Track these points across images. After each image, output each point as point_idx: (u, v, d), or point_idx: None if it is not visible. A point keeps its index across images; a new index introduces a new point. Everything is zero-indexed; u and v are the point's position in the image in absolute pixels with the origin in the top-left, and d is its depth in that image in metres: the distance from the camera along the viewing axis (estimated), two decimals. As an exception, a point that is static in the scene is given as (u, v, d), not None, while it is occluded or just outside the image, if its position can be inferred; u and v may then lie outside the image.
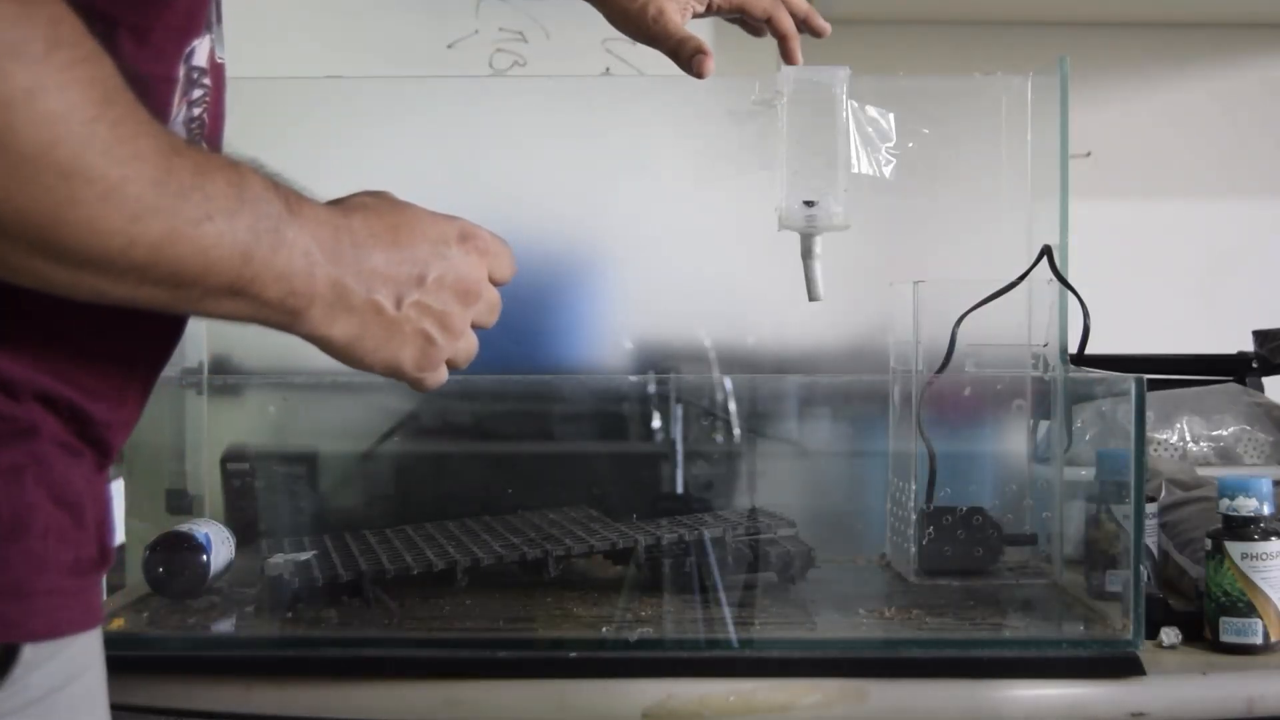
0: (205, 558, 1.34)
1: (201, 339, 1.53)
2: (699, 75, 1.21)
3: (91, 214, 0.62)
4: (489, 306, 0.86)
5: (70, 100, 0.60)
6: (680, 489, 1.55)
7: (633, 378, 1.55)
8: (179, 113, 0.79)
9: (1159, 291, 1.94)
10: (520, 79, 1.79)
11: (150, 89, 0.72)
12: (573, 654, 1.20)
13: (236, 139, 1.57)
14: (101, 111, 0.62)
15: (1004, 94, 1.52)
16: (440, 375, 0.84)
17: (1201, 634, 1.25)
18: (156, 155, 0.64)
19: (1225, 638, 1.23)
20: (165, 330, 0.80)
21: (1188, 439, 1.61)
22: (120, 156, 0.62)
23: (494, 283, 0.86)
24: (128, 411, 0.78)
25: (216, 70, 0.83)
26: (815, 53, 1.86)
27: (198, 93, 0.81)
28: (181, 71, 0.78)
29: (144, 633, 1.27)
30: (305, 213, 0.73)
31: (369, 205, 0.80)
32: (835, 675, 1.18)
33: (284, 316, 0.73)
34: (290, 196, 0.72)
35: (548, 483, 1.57)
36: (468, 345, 0.85)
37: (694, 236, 1.58)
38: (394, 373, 0.81)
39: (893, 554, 1.48)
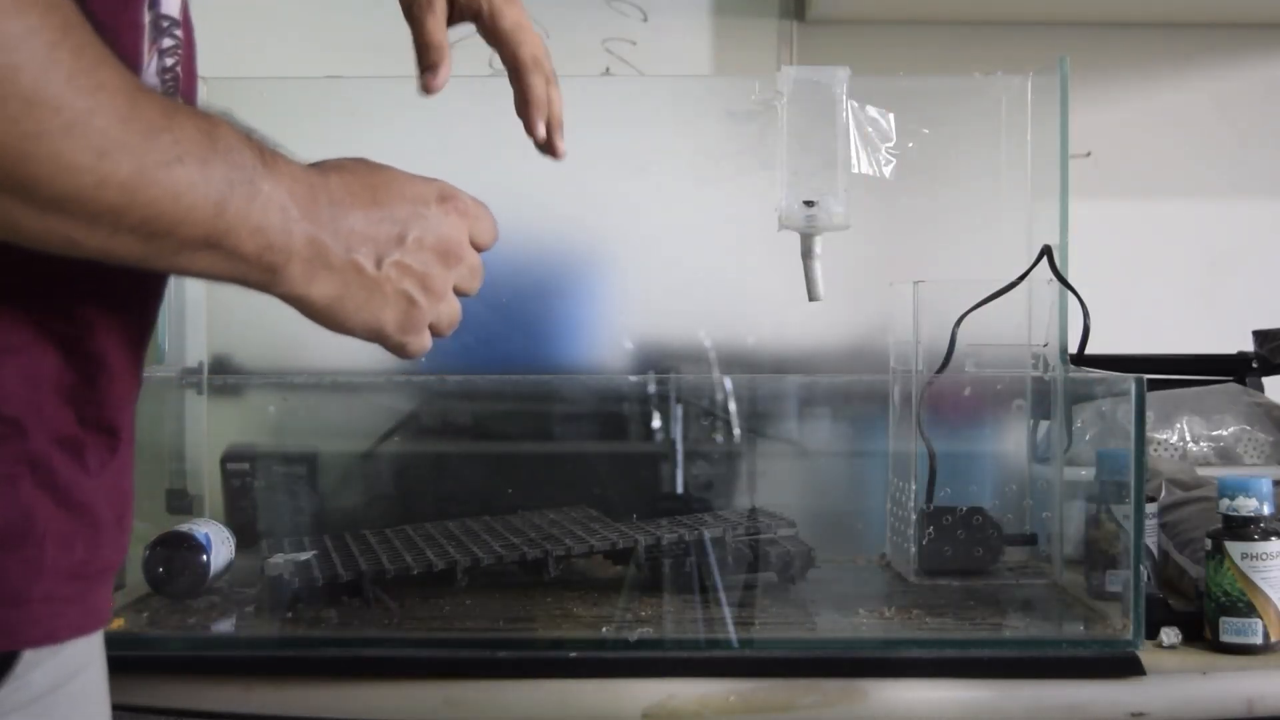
0: (205, 558, 1.34)
1: (201, 339, 1.53)
2: (422, 88, 1.18)
3: (57, 147, 0.60)
4: (471, 270, 0.84)
5: (30, 24, 0.59)
6: (680, 489, 1.55)
7: (633, 378, 1.55)
8: (150, 62, 0.77)
9: (1159, 291, 1.94)
10: (520, 79, 1.79)
11: (117, 36, 0.70)
12: (573, 654, 1.20)
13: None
14: (63, 37, 0.60)
15: (1004, 94, 1.52)
16: (424, 340, 0.82)
17: (1201, 634, 1.25)
18: (122, 89, 0.63)
19: (1225, 638, 1.23)
20: (147, 293, 0.78)
21: (1188, 439, 1.61)
22: (85, 86, 0.61)
23: (476, 247, 0.84)
24: (124, 384, 0.75)
25: (188, 22, 0.82)
26: (816, 53, 1.86)
27: (169, 42, 0.79)
28: (148, 18, 0.76)
29: (144, 633, 1.27)
30: (280, 168, 0.71)
31: (346, 166, 0.79)
32: (835, 675, 1.18)
33: (262, 274, 0.71)
34: (264, 151, 0.70)
35: (548, 483, 1.57)
36: (450, 309, 0.83)
37: (694, 236, 1.58)
38: (376, 335, 0.80)
39: (893, 554, 1.48)
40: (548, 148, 1.11)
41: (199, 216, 0.66)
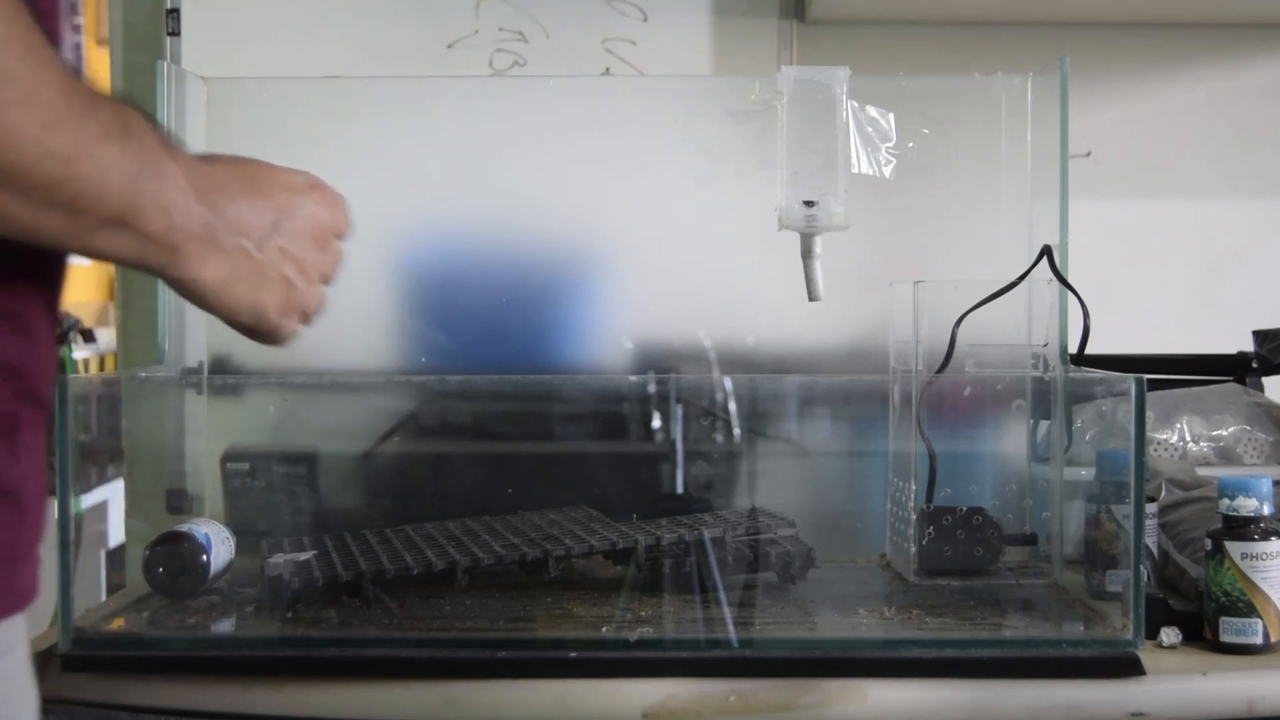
0: (205, 558, 1.34)
1: (201, 339, 1.53)
2: None
3: (10, 117, 0.63)
4: (334, 257, 0.89)
5: None
6: (680, 489, 1.55)
7: (633, 378, 1.55)
8: (66, 38, 0.82)
9: (1159, 291, 1.94)
10: (520, 79, 1.79)
11: (44, 13, 0.73)
12: (573, 654, 1.20)
13: (237, 139, 1.58)
14: (15, 14, 0.64)
15: (1004, 94, 1.52)
16: (295, 324, 0.87)
17: (1201, 634, 1.25)
18: (59, 66, 0.66)
19: (1225, 638, 1.23)
20: (62, 266, 0.81)
21: (1188, 439, 1.61)
22: (37, 60, 0.64)
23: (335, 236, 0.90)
24: (50, 356, 0.78)
25: None
26: (816, 53, 1.86)
27: (77, 19, 0.84)
28: None
29: (144, 633, 1.27)
30: (178, 155, 0.75)
31: (222, 159, 0.83)
32: (835, 675, 1.18)
33: (163, 254, 0.75)
34: (166, 136, 0.75)
35: (548, 483, 1.57)
36: (318, 296, 0.88)
37: (694, 236, 1.58)
38: (259, 317, 0.83)
39: (893, 554, 1.48)
40: None
41: (117, 194, 0.70)
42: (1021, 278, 1.41)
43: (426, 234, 1.61)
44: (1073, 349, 1.41)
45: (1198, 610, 1.26)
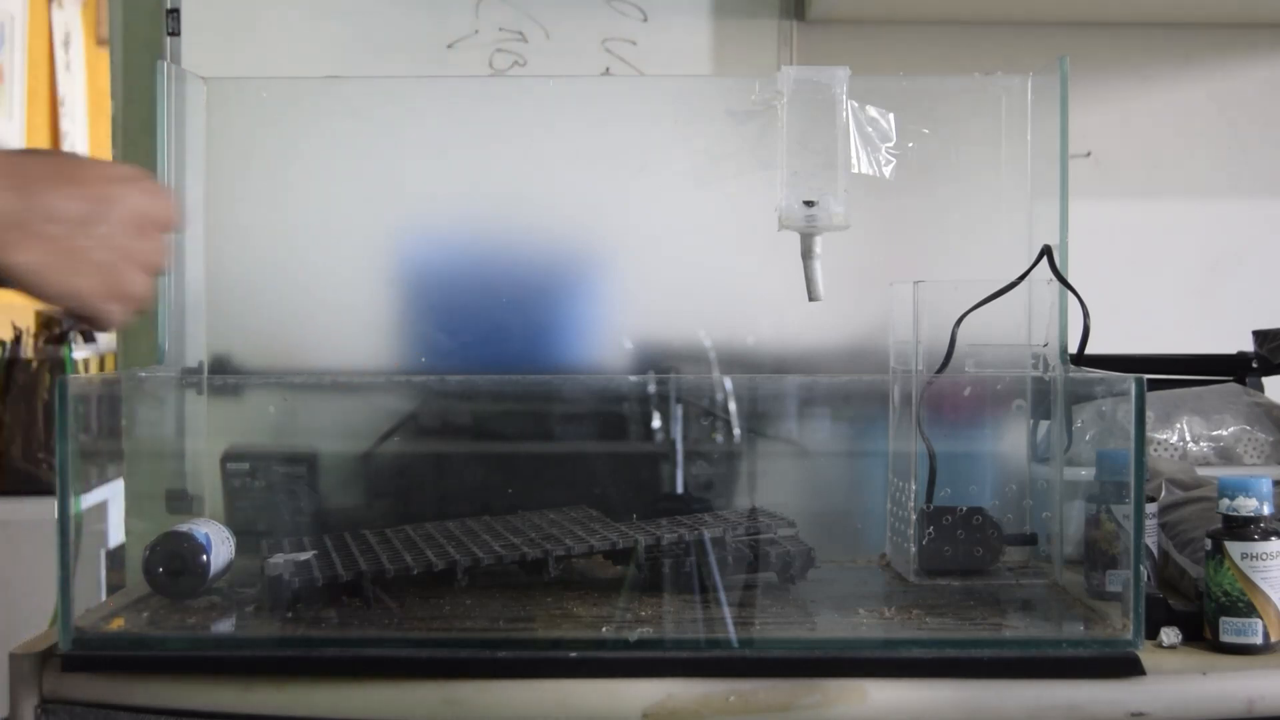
0: (205, 558, 1.34)
1: (201, 339, 1.53)
2: None
3: None
4: (158, 246, 0.92)
5: None
6: (680, 489, 1.55)
7: (633, 378, 1.55)
8: None
9: (1159, 291, 1.94)
10: (520, 79, 1.79)
11: None
12: (573, 654, 1.20)
13: (237, 139, 1.58)
14: None
15: (1004, 94, 1.52)
16: (121, 309, 0.90)
17: (1201, 634, 1.25)
18: None
19: (1225, 638, 1.23)
20: None
21: (1188, 439, 1.61)
22: None
23: (162, 229, 0.94)
24: None
25: None
26: (816, 53, 1.86)
27: None
28: None
29: (144, 633, 1.27)
30: None
31: (38, 151, 0.86)
32: (835, 675, 1.18)
33: None
34: None
35: (548, 483, 1.57)
36: (144, 283, 0.91)
37: (694, 236, 1.58)
38: (78, 302, 0.87)
39: (893, 554, 1.48)
40: None
41: None
42: (1021, 278, 1.41)
43: (426, 234, 1.61)
44: (1073, 349, 1.41)
45: (1198, 610, 1.26)
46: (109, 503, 2.93)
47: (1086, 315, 1.39)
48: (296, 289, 1.57)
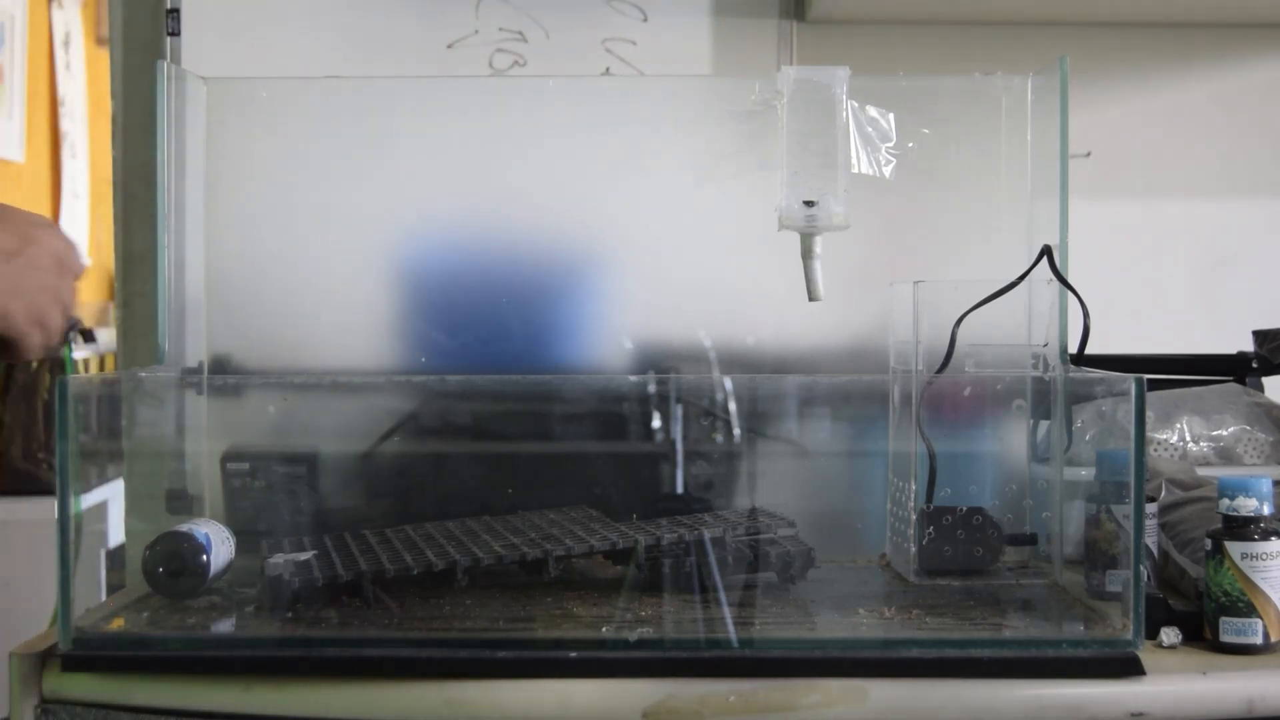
0: (205, 558, 1.34)
1: (201, 339, 1.53)
2: None
3: None
4: (72, 288, 1.03)
5: None
6: (680, 489, 1.55)
7: (633, 378, 1.55)
8: None
9: (1159, 291, 1.93)
10: (520, 79, 1.79)
11: None
12: (573, 654, 1.20)
13: (237, 139, 1.58)
14: None
15: (1004, 94, 1.52)
16: (41, 338, 0.99)
17: (1201, 634, 1.25)
18: None
19: (1225, 638, 1.23)
20: None
21: (1188, 439, 1.61)
22: None
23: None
24: None
25: None
26: (816, 53, 1.86)
27: None
28: None
29: (144, 633, 1.27)
30: None
31: None
32: (835, 675, 1.18)
33: None
34: None
35: (548, 483, 1.57)
36: (58, 318, 1.01)
37: (694, 236, 1.58)
38: (7, 321, 0.95)
39: (893, 554, 1.48)
40: None
41: None
42: (1021, 278, 1.41)
43: (426, 234, 1.61)
44: (1073, 349, 1.41)
45: (1198, 610, 1.26)
46: (109, 503, 2.93)
47: (1086, 315, 1.39)
48: (297, 289, 1.57)
